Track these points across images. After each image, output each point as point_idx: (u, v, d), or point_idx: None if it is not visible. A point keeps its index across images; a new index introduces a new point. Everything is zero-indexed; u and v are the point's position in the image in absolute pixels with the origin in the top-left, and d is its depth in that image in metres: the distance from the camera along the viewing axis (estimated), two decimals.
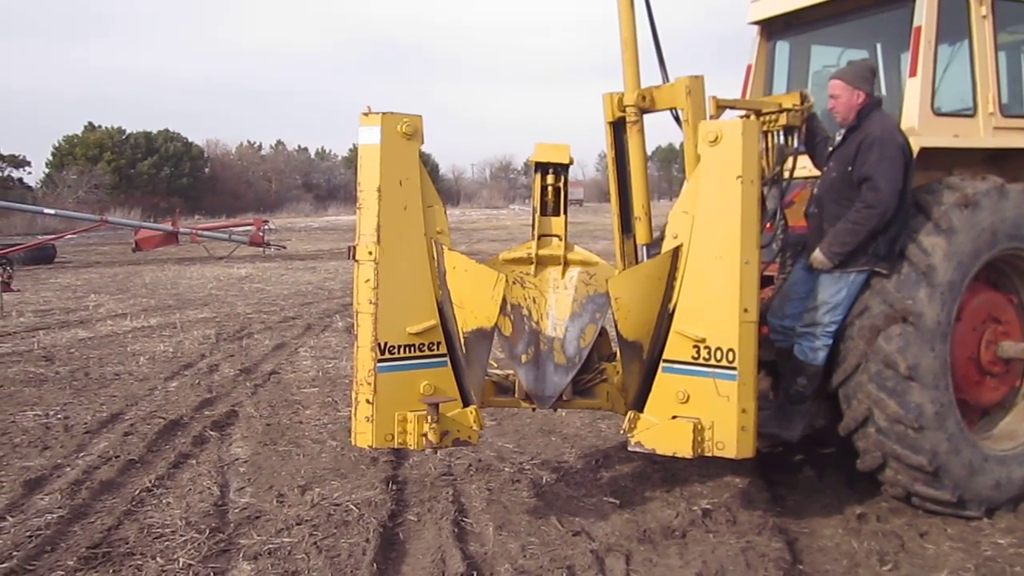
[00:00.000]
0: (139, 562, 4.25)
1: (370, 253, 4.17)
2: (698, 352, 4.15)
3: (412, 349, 4.23)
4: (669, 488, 5.16)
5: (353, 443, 4.31)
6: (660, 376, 4.28)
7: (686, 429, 4.09)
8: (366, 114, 4.21)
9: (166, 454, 5.95)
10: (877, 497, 4.87)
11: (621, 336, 4.32)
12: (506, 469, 5.59)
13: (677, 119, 4.80)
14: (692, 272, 4.19)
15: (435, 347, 4.28)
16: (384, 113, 4.19)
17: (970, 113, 5.11)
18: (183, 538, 4.51)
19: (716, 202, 4.13)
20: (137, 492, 5.18)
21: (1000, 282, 5.07)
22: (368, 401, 4.16)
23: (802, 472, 5.46)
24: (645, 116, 4.88)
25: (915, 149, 4.69)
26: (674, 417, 4.18)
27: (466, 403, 4.35)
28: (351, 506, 4.92)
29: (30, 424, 6.78)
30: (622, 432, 4.31)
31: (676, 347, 4.22)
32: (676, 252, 4.26)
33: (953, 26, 5.02)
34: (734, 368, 4.07)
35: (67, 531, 4.60)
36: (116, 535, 4.56)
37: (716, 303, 4.11)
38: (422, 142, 4.28)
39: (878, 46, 6.02)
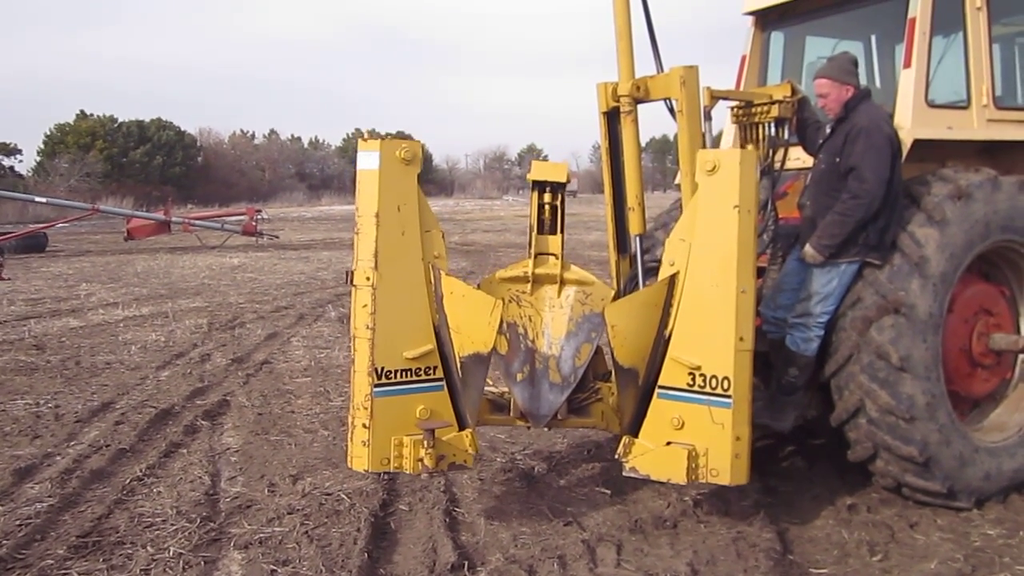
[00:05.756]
0: (129, 551, 4.24)
1: (367, 278, 4.16)
2: (693, 379, 4.14)
3: (409, 373, 4.22)
4: None
5: (349, 467, 4.31)
6: (655, 402, 4.27)
7: (680, 456, 4.08)
8: (364, 139, 4.24)
9: (157, 443, 5.94)
10: (868, 488, 4.89)
11: (617, 363, 4.31)
12: (498, 459, 5.59)
13: (671, 109, 4.78)
14: (688, 300, 4.18)
15: (432, 371, 4.28)
16: (383, 139, 4.21)
17: (964, 105, 5.10)
18: (174, 527, 4.50)
19: (713, 231, 4.12)
20: (128, 481, 5.17)
21: (992, 274, 5.08)
22: (364, 425, 4.15)
23: (793, 463, 5.48)
24: (639, 106, 4.86)
25: (909, 141, 4.69)
26: (669, 443, 4.18)
27: (462, 426, 4.35)
28: (342, 496, 4.91)
29: (21, 413, 6.76)
30: (617, 457, 4.32)
31: (672, 374, 4.21)
32: (673, 280, 4.26)
33: (948, 18, 5.01)
34: (729, 396, 4.06)
35: (57, 520, 4.59)
36: (106, 524, 4.55)
37: (712, 331, 4.10)
38: (420, 167, 4.29)
39: (872, 37, 6.02)
